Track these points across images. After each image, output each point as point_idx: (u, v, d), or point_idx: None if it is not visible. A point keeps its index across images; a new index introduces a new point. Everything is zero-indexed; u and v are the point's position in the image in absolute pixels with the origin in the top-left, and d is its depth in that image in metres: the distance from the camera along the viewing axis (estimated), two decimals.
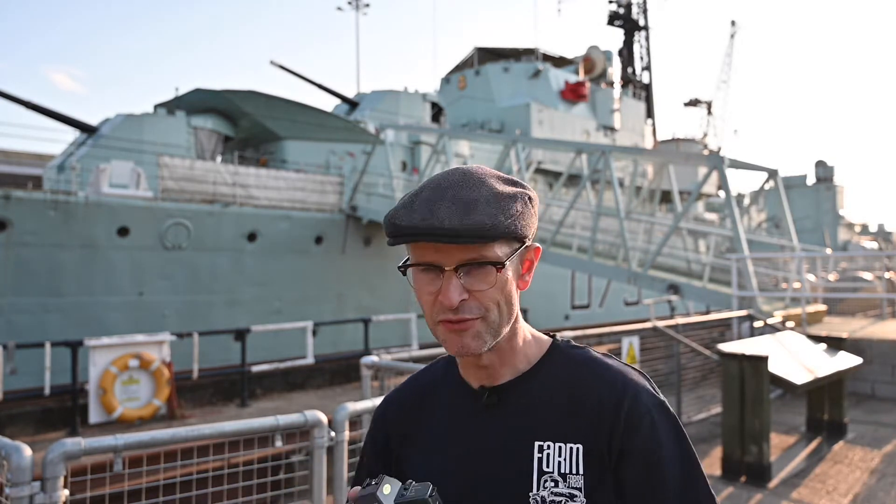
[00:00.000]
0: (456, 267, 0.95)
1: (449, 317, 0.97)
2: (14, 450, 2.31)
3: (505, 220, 0.94)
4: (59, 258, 13.09)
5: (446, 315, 0.97)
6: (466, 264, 0.95)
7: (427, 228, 0.92)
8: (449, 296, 0.95)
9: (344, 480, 3.15)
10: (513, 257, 0.98)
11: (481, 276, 0.96)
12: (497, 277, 0.96)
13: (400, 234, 0.95)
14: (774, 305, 10.81)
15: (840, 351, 7.00)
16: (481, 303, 0.97)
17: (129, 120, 16.31)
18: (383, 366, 4.70)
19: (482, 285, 0.96)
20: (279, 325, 12.67)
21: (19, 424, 9.34)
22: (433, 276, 0.97)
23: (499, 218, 0.94)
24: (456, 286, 0.95)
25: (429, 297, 0.98)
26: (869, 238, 45.30)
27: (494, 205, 0.95)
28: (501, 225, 0.94)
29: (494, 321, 0.98)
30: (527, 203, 1.00)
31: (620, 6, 41.98)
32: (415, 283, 1.00)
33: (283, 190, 16.33)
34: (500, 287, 0.97)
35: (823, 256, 13.11)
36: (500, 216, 0.94)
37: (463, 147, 21.82)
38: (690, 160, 21.80)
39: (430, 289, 0.98)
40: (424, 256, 0.97)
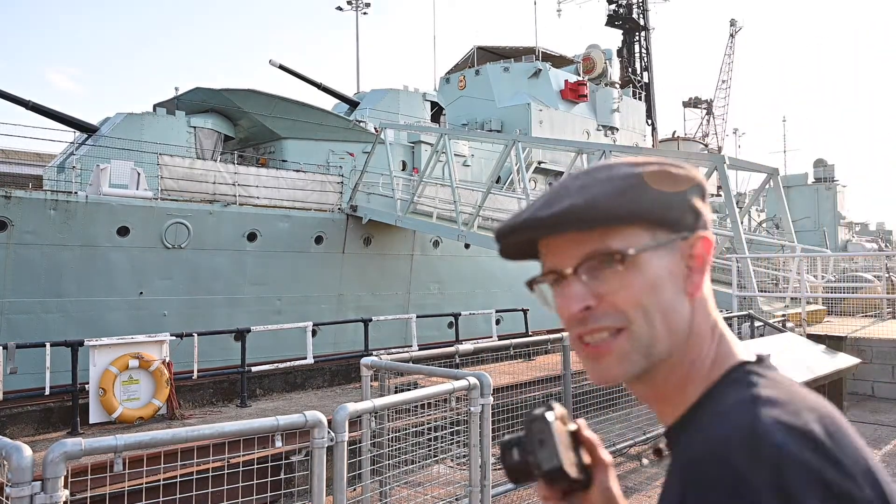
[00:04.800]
0: (575, 268, 0.77)
1: (578, 331, 0.78)
2: (14, 450, 2.31)
3: (610, 198, 0.74)
4: (59, 258, 13.09)
5: (576, 329, 0.78)
6: (585, 262, 0.76)
7: (519, 224, 0.78)
8: (567, 303, 0.77)
9: (344, 481, 3.15)
10: (658, 250, 0.76)
11: (607, 274, 0.76)
12: (627, 274, 0.75)
13: (497, 240, 0.82)
14: (774, 305, 10.81)
15: (840, 351, 7.01)
16: (617, 309, 0.75)
17: (129, 120, 16.31)
18: (383, 366, 4.70)
19: (608, 285, 0.75)
20: (279, 325, 12.67)
21: (19, 424, 9.33)
22: (561, 287, 0.79)
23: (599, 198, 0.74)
24: (576, 291, 0.76)
25: (562, 311, 0.79)
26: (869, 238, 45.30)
27: (601, 185, 0.76)
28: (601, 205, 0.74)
29: (643, 335, 0.75)
30: (661, 178, 0.77)
31: (620, 6, 41.97)
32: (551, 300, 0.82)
33: (283, 189, 16.33)
34: (640, 287, 0.75)
35: (823, 256, 13.11)
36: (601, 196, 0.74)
37: (463, 147, 21.82)
38: (690, 160, 21.80)
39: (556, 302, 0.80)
40: (546, 265, 0.80)
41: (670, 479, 0.74)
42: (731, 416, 0.69)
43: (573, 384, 6.22)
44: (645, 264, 0.75)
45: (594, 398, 6.37)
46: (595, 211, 0.74)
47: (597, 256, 0.75)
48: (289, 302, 15.92)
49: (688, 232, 0.78)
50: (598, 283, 0.76)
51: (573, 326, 0.78)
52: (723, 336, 0.80)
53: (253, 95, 17.93)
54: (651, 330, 0.75)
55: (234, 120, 18.64)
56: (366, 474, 3.87)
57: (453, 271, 19.48)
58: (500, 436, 5.94)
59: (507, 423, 6.01)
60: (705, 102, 54.91)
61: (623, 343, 0.76)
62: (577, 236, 0.76)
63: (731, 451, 0.65)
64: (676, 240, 0.77)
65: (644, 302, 0.75)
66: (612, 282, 0.75)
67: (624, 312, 0.75)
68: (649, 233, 0.76)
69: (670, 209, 0.77)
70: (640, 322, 0.75)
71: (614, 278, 0.75)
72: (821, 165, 41.46)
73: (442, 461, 4.07)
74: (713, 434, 0.69)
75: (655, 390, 0.80)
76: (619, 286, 0.75)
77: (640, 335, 0.76)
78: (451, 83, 28.58)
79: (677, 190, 0.77)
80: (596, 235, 0.76)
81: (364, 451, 3.89)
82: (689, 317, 0.78)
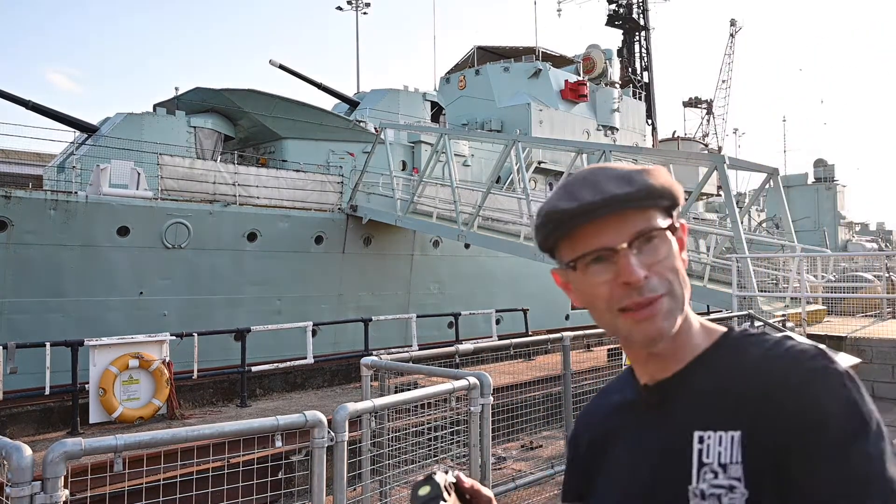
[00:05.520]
0: (630, 242, 0.90)
1: (635, 299, 0.90)
2: (14, 450, 2.31)
3: (664, 185, 0.93)
4: (59, 258, 13.09)
5: (631, 298, 0.90)
6: (640, 236, 0.91)
7: (604, 200, 0.89)
8: (633, 271, 0.89)
9: (344, 480, 3.15)
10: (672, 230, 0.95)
11: (656, 245, 0.92)
12: (670, 245, 0.93)
13: (572, 218, 0.91)
14: (774, 305, 10.81)
15: (840, 351, 7.00)
16: (662, 276, 0.91)
17: (129, 120, 16.31)
18: (383, 366, 4.70)
19: (659, 255, 0.92)
20: (279, 325, 12.68)
21: (19, 424, 9.33)
22: (605, 265, 0.92)
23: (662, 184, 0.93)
24: (635, 262, 0.90)
25: (603, 288, 0.92)
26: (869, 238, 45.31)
27: (650, 176, 0.93)
28: (664, 189, 0.93)
29: (679, 294, 0.92)
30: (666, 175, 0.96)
31: (620, 6, 41.97)
32: (583, 279, 0.94)
33: (283, 189, 16.33)
34: (674, 256, 0.93)
35: (823, 256, 13.12)
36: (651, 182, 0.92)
37: (463, 147, 21.82)
38: (690, 160, 21.79)
39: (602, 277, 0.92)
40: (591, 245, 0.92)
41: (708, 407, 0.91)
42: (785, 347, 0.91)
43: (573, 384, 6.22)
44: (670, 239, 0.94)
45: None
46: (659, 192, 0.92)
47: (646, 233, 0.91)
48: (289, 302, 15.93)
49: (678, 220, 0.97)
50: (647, 256, 0.91)
51: (626, 296, 0.91)
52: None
53: (253, 95, 17.93)
54: (682, 290, 0.93)
55: (235, 120, 18.64)
56: (366, 474, 3.87)
57: (453, 271, 19.47)
58: (501, 435, 5.94)
59: (507, 423, 6.01)
60: (705, 102, 54.91)
61: (668, 303, 0.91)
62: (622, 217, 0.91)
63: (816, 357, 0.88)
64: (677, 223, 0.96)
65: (677, 267, 0.93)
66: (659, 252, 0.92)
67: (667, 278, 0.92)
68: (664, 218, 0.94)
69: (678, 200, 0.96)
70: (678, 284, 0.92)
71: (661, 248, 0.92)
72: (821, 165, 41.46)
73: (442, 461, 4.07)
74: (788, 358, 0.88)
75: (675, 342, 0.95)
76: (663, 256, 0.92)
77: (678, 295, 0.92)
78: (451, 83, 28.57)
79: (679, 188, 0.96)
80: (640, 215, 0.92)
81: (364, 451, 3.89)
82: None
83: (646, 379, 1.00)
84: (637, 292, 0.90)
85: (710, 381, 0.93)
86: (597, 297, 0.93)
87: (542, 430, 6.69)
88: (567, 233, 0.93)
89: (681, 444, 0.92)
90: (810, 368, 0.87)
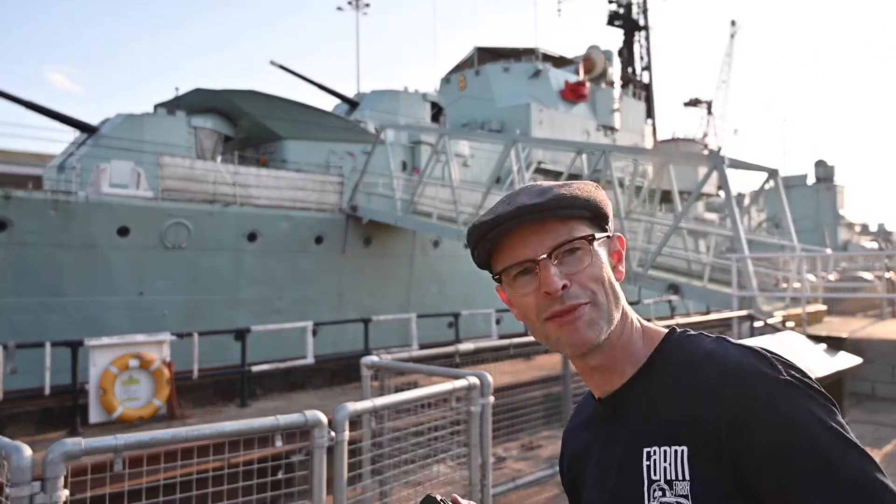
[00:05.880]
0: (549, 253, 0.93)
1: (556, 307, 0.92)
2: (14, 450, 2.31)
3: (581, 195, 0.96)
4: (59, 258, 13.09)
5: (553, 308, 0.93)
6: (559, 247, 0.93)
7: (513, 212, 0.93)
8: (550, 281, 0.92)
9: (344, 480, 3.15)
10: (601, 241, 0.97)
11: (576, 257, 0.94)
12: (592, 255, 0.94)
13: (488, 231, 0.95)
14: (774, 305, 10.81)
15: (840, 351, 7.01)
16: (584, 286, 0.93)
17: (130, 120, 16.31)
18: (383, 366, 4.71)
19: (579, 265, 0.94)
20: (279, 325, 12.67)
21: (19, 424, 9.34)
22: (529, 278, 0.95)
23: (575, 194, 0.95)
24: (554, 273, 0.92)
25: (529, 298, 0.95)
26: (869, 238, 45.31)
27: (567, 188, 0.97)
28: (580, 198, 0.95)
29: (604, 304, 0.94)
30: (597, 187, 1.00)
31: (620, 6, 41.98)
32: (511, 292, 0.97)
33: (283, 190, 16.33)
34: (598, 266, 0.95)
35: (823, 256, 13.12)
36: (575, 193, 0.96)
37: (463, 147, 21.82)
38: (690, 160, 21.80)
39: (528, 289, 0.95)
40: (514, 257, 0.95)
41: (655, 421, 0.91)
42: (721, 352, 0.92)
43: (573, 384, 6.22)
44: (598, 250, 0.96)
45: None
46: (576, 202, 0.95)
47: (566, 244, 0.94)
48: (289, 302, 15.92)
49: (610, 232, 1.01)
50: (568, 266, 0.94)
51: (549, 306, 0.93)
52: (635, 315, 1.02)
53: (253, 96, 17.94)
54: (608, 300, 0.94)
55: (235, 120, 18.64)
56: (366, 474, 3.87)
57: (453, 271, 19.47)
58: (501, 435, 5.94)
59: (507, 423, 6.01)
60: (705, 103, 54.88)
61: (590, 312, 0.93)
62: (541, 229, 0.94)
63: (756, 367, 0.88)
64: (607, 236, 1.00)
65: (602, 278, 0.95)
66: (580, 263, 0.94)
67: (589, 288, 0.93)
68: (592, 229, 0.97)
69: (606, 212, 0.99)
70: (602, 294, 0.94)
71: (583, 259, 0.94)
72: (821, 167, 41.45)
73: (442, 461, 4.07)
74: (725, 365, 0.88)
75: (609, 358, 0.97)
76: (585, 266, 0.94)
77: (602, 305, 0.94)
78: (452, 83, 28.59)
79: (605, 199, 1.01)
80: (560, 228, 0.94)
81: (364, 451, 3.89)
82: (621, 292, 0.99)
83: (598, 392, 1.02)
84: (558, 301, 0.92)
85: (651, 394, 0.94)
86: (527, 307, 0.95)
87: (542, 430, 6.69)
88: (493, 246, 0.97)
89: (633, 459, 0.92)
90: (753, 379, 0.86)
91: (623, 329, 0.97)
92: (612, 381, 0.98)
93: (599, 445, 1.01)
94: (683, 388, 0.90)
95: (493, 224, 0.94)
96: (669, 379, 0.93)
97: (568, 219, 0.95)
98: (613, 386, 0.98)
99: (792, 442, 0.81)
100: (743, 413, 0.83)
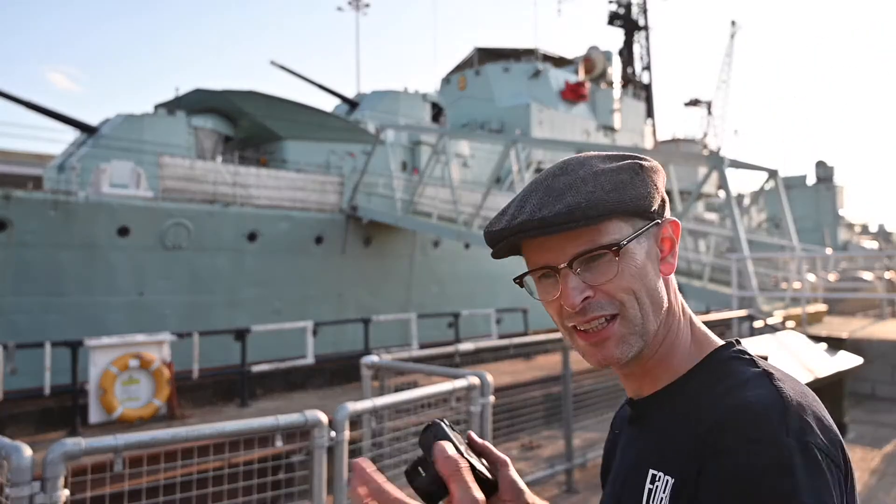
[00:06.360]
0: (570, 262, 0.83)
1: (578, 319, 0.84)
2: (14, 450, 2.31)
3: (606, 195, 0.81)
4: (59, 258, 13.09)
5: (574, 319, 0.84)
6: (580, 256, 0.82)
7: (516, 226, 0.82)
8: (569, 296, 0.82)
9: (344, 480, 3.15)
10: (639, 238, 0.84)
11: (601, 266, 0.83)
12: (620, 264, 0.82)
13: (494, 241, 0.86)
14: (774, 305, 10.81)
15: (840, 351, 7.00)
16: (612, 297, 0.83)
17: (130, 120, 16.32)
18: (383, 366, 4.70)
19: (604, 276, 0.82)
20: (279, 325, 12.67)
21: (19, 424, 9.33)
22: (552, 282, 0.85)
23: (596, 195, 0.81)
24: (576, 284, 0.83)
25: (554, 305, 0.86)
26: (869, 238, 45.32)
27: (592, 182, 0.82)
28: (601, 201, 0.81)
29: (636, 318, 0.83)
30: (636, 172, 0.85)
31: (620, 6, 42.01)
32: (538, 292, 0.88)
33: (283, 190, 16.34)
34: (630, 274, 0.83)
35: (823, 256, 13.12)
36: (598, 192, 0.81)
37: (463, 147, 21.82)
38: (690, 160, 21.81)
39: (550, 295, 0.86)
40: (536, 261, 0.86)
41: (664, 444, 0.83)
42: (752, 387, 0.78)
43: (573, 384, 6.21)
44: (631, 253, 0.83)
45: (594, 398, 6.37)
46: (594, 210, 0.80)
47: (587, 254, 0.82)
48: (289, 302, 15.92)
49: (660, 218, 0.87)
50: (592, 276, 0.83)
51: (571, 317, 0.84)
52: (693, 317, 0.91)
53: (253, 96, 17.95)
54: (643, 312, 0.84)
55: (235, 120, 18.65)
56: None
57: (453, 271, 19.47)
58: (501, 435, 5.94)
59: (507, 423, 6.01)
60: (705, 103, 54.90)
61: (620, 328, 0.83)
62: (569, 233, 0.82)
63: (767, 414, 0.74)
64: (651, 226, 0.86)
65: (634, 288, 0.83)
66: (605, 273, 0.83)
67: (618, 299, 0.83)
68: (629, 223, 0.84)
69: (646, 199, 0.85)
70: (633, 306, 0.83)
71: (608, 269, 0.82)
72: (821, 167, 41.47)
73: None
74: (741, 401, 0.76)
75: (644, 365, 0.88)
76: (611, 276, 0.82)
77: (634, 318, 0.83)
78: (452, 84, 28.61)
79: (649, 180, 0.86)
80: (585, 231, 0.82)
81: (364, 451, 3.89)
82: (666, 296, 0.87)
83: (630, 393, 0.95)
84: (580, 314, 0.83)
85: (674, 413, 0.85)
86: (552, 311, 0.88)
87: (542, 430, 6.69)
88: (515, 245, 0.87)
89: (639, 475, 0.86)
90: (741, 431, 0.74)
91: (667, 335, 0.87)
92: (643, 387, 0.90)
93: (623, 446, 0.96)
94: (694, 418, 0.80)
95: (498, 237, 0.85)
96: (692, 403, 0.83)
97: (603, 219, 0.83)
98: (644, 392, 0.91)
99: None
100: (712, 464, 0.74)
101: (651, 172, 0.86)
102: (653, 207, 0.86)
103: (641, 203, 0.84)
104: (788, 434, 0.72)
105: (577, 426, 5.93)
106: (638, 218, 0.85)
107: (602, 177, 0.83)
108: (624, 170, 0.84)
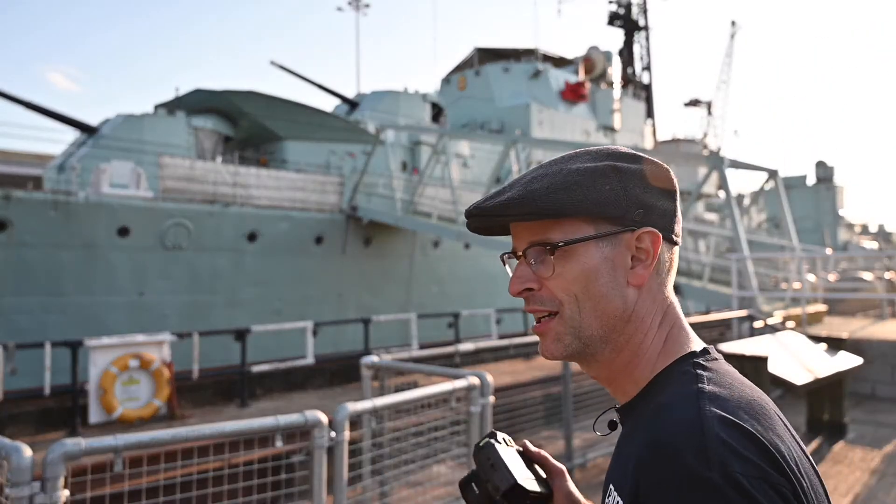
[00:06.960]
0: (524, 252, 0.85)
1: (527, 310, 0.87)
2: (14, 450, 2.31)
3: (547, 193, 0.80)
4: (59, 258, 13.09)
5: (526, 308, 0.87)
6: (531, 248, 0.84)
7: (470, 208, 0.86)
8: (511, 282, 0.86)
9: (344, 480, 3.15)
10: (599, 242, 0.81)
11: (545, 262, 0.83)
12: (556, 264, 0.82)
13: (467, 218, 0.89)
14: (774, 305, 10.81)
15: (840, 351, 7.00)
16: (553, 294, 0.83)
17: (130, 120, 16.32)
18: (383, 366, 4.70)
19: (544, 273, 0.83)
20: (279, 325, 12.67)
21: (19, 424, 9.33)
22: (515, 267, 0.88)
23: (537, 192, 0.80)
24: (521, 273, 0.85)
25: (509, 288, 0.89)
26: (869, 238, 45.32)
27: (549, 179, 0.82)
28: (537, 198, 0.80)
29: (573, 319, 0.82)
30: (603, 175, 0.82)
31: (620, 6, 42.01)
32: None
33: (284, 190, 16.34)
34: (572, 276, 0.81)
35: (823, 256, 13.12)
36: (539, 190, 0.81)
37: (463, 147, 21.82)
38: (690, 160, 21.81)
39: None
40: (513, 244, 0.88)
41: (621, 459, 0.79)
42: (676, 411, 0.73)
43: (573, 384, 6.21)
44: (580, 255, 0.82)
45: (594, 398, 6.37)
46: (530, 206, 0.80)
47: (538, 245, 0.83)
48: (289, 302, 15.93)
49: (634, 226, 0.82)
50: (541, 269, 0.83)
51: (525, 304, 0.87)
52: (675, 328, 0.85)
53: (253, 96, 17.95)
54: (581, 315, 0.82)
55: (235, 121, 18.66)
56: (366, 474, 3.86)
57: (453, 271, 19.48)
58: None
59: (507, 424, 6.00)
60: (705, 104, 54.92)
61: (556, 325, 0.84)
62: (531, 224, 0.84)
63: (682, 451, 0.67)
64: (620, 233, 0.82)
65: (574, 290, 0.82)
66: (544, 270, 0.83)
67: (558, 298, 0.83)
68: (592, 225, 0.82)
69: (613, 205, 0.81)
70: (572, 308, 0.82)
71: (547, 267, 0.83)
72: (821, 167, 41.48)
73: (442, 461, 4.07)
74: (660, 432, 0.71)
75: (604, 371, 0.87)
76: (548, 274, 0.83)
77: (571, 320, 0.83)
78: (452, 84, 28.61)
79: (618, 185, 0.82)
80: (541, 225, 0.83)
81: (364, 451, 3.89)
82: (628, 304, 0.83)
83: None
84: (526, 303, 0.86)
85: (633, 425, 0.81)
86: None
87: (542, 430, 6.69)
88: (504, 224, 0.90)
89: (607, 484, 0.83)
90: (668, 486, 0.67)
91: (626, 345, 0.83)
92: (617, 395, 0.89)
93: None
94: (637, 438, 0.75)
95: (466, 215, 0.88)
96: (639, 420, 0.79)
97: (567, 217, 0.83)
98: (619, 401, 0.89)
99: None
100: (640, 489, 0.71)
101: (627, 177, 0.82)
102: (621, 213, 0.81)
103: (603, 208, 0.81)
104: (710, 468, 0.65)
105: (577, 426, 5.92)
106: (606, 222, 0.82)
107: (563, 175, 0.82)
108: (589, 172, 0.82)
